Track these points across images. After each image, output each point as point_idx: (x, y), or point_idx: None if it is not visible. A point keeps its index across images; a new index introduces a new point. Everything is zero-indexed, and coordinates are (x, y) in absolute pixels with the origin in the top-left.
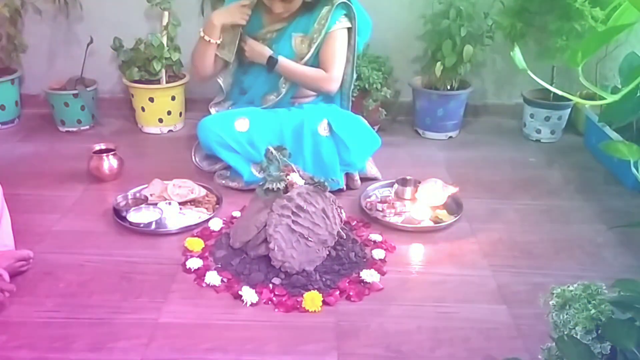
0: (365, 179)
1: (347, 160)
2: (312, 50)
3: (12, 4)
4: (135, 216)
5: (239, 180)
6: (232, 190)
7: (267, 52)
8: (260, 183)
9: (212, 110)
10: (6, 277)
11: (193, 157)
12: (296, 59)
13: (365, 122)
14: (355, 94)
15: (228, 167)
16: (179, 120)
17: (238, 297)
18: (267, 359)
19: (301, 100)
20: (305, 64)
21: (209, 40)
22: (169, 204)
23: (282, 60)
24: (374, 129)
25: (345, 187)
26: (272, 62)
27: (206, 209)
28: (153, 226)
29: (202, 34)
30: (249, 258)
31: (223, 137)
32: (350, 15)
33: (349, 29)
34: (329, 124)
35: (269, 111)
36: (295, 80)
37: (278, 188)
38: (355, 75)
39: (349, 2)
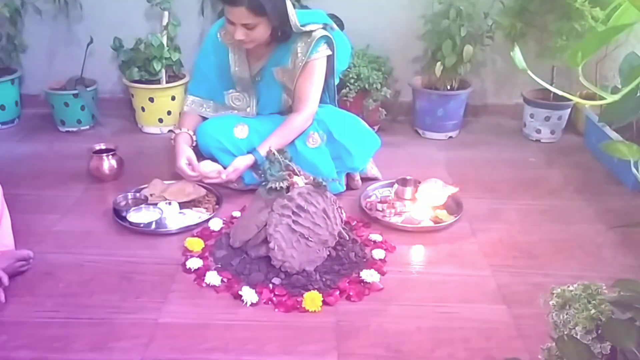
0: (366, 179)
1: (349, 165)
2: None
3: (12, 4)
4: (135, 216)
5: (238, 182)
6: (232, 190)
7: (250, 159)
8: (263, 183)
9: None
10: (5, 280)
11: None
12: (285, 90)
13: (364, 122)
14: (354, 94)
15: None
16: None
17: (238, 297)
18: (267, 359)
19: None
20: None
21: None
22: (169, 204)
23: (263, 151)
24: (373, 129)
25: (345, 188)
26: (258, 162)
27: (206, 209)
28: (153, 226)
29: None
30: (249, 258)
31: (222, 143)
32: (329, 42)
33: (329, 56)
34: (322, 134)
35: (267, 118)
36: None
37: (281, 187)
38: (337, 79)
39: (329, 35)
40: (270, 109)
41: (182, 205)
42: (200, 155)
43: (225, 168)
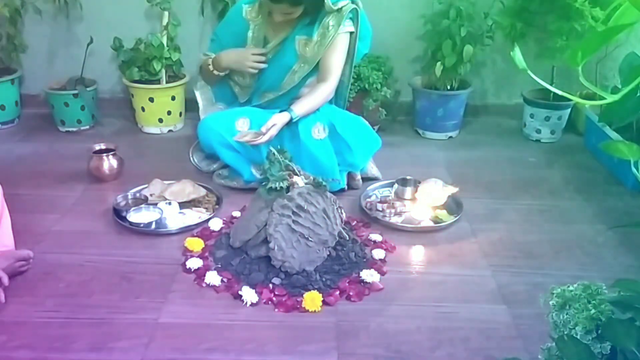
0: (366, 179)
1: (349, 160)
2: (320, 55)
3: (12, 4)
4: (135, 216)
5: (238, 180)
6: (232, 190)
7: (286, 116)
8: (263, 183)
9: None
10: (5, 280)
11: (191, 157)
12: (299, 62)
13: (366, 122)
14: (354, 94)
15: (226, 167)
16: (179, 120)
17: (238, 297)
18: (267, 359)
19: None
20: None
21: (216, 73)
22: (169, 204)
23: (298, 111)
24: (374, 129)
25: (346, 187)
26: (292, 120)
27: (206, 209)
28: (153, 226)
29: (210, 65)
30: (249, 258)
31: (224, 137)
32: (354, 19)
33: (351, 33)
34: (325, 127)
35: (269, 112)
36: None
37: (281, 187)
38: (351, 79)
39: (357, 7)
40: (273, 80)
41: (182, 205)
42: (204, 153)
43: (223, 166)
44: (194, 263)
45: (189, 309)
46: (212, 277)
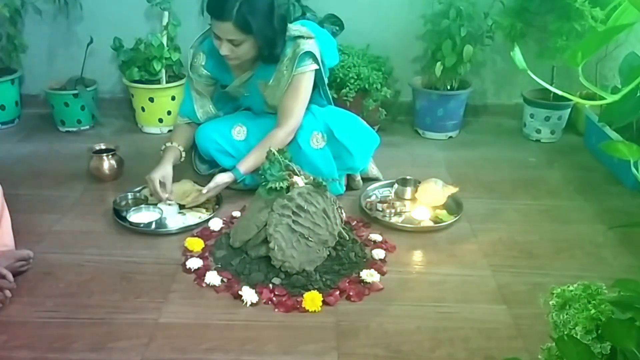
0: (366, 179)
1: (348, 164)
2: (278, 99)
3: (12, 4)
4: (135, 216)
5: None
6: (232, 190)
7: (230, 177)
8: (263, 183)
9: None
10: (10, 277)
11: (193, 162)
12: (267, 103)
13: (363, 121)
14: (354, 94)
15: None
16: None
17: (238, 297)
18: (267, 359)
19: None
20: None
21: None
22: (169, 204)
23: (244, 169)
24: (374, 129)
25: (345, 188)
26: (238, 179)
27: (206, 209)
28: (153, 226)
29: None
30: (249, 258)
31: (221, 144)
32: (314, 58)
33: (317, 69)
34: (324, 135)
35: (266, 117)
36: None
37: (281, 187)
38: (326, 80)
39: (312, 51)
40: (261, 109)
41: (182, 205)
42: (201, 157)
43: (224, 169)
44: (194, 263)
45: (189, 309)
46: (212, 277)
